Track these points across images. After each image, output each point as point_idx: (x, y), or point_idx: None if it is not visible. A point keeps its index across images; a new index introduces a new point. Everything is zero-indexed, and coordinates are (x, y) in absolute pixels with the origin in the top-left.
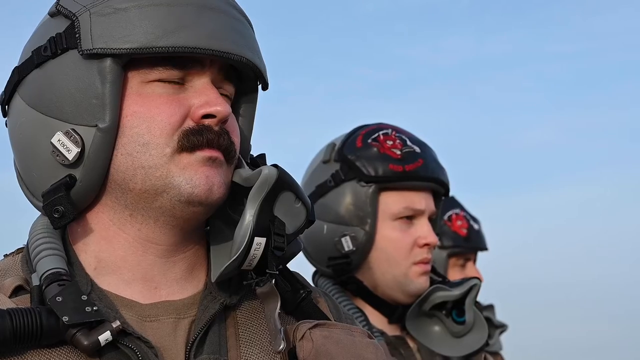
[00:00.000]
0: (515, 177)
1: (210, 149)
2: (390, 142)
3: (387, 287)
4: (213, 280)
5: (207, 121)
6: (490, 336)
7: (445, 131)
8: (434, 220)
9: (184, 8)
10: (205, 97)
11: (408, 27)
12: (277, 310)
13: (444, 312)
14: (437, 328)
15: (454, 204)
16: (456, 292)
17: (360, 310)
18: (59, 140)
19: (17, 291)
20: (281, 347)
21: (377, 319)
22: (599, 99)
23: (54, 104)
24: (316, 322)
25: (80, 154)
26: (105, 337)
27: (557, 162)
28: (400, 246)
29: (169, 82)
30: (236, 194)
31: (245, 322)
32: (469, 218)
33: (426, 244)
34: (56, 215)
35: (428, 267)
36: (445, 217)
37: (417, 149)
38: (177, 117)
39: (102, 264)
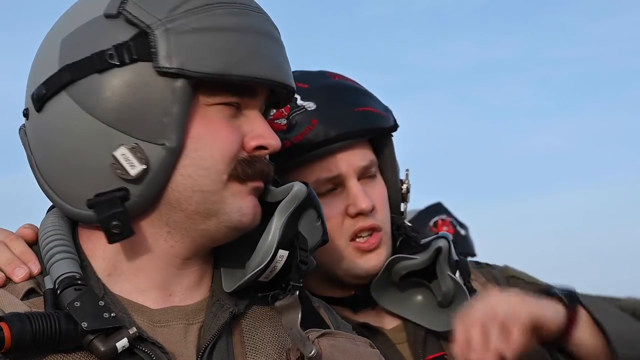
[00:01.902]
0: (519, 183)
1: (259, 180)
2: (274, 110)
3: (335, 276)
4: (228, 290)
5: (257, 152)
6: None
7: (448, 136)
8: (377, 173)
9: (252, 36)
10: (258, 129)
11: (412, 32)
12: (299, 320)
13: (426, 278)
14: (419, 297)
15: (441, 209)
16: (420, 258)
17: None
18: (123, 155)
19: (28, 294)
20: (313, 352)
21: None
22: (604, 105)
23: (118, 115)
24: (323, 330)
25: (143, 171)
26: (122, 343)
27: (561, 168)
28: None
29: (227, 105)
30: None
31: (250, 330)
32: (456, 224)
33: (359, 213)
34: (115, 232)
35: (373, 241)
36: (431, 223)
37: (311, 105)
38: (237, 146)
39: (118, 271)
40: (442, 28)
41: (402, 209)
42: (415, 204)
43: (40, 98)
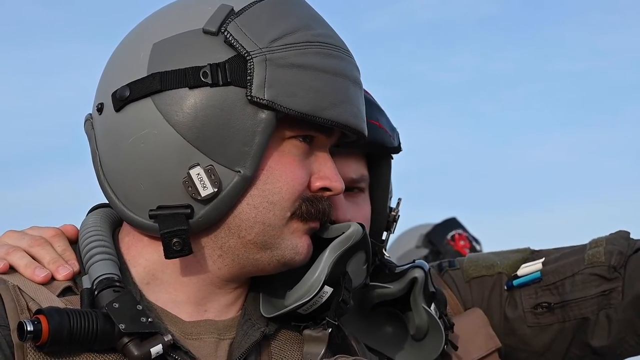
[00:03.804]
0: (520, 197)
1: (317, 220)
2: None
3: None
4: (267, 315)
5: (321, 193)
6: None
7: (450, 149)
8: (366, 191)
9: (343, 81)
10: (326, 170)
11: (415, 44)
12: (320, 355)
13: (398, 308)
14: (389, 329)
15: (457, 224)
16: (394, 288)
17: None
18: (197, 174)
19: (65, 292)
20: None
21: None
22: (606, 118)
23: (200, 134)
24: (353, 358)
25: (214, 194)
26: (157, 350)
27: (563, 182)
28: None
29: (303, 140)
30: None
31: (278, 353)
32: (471, 239)
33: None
34: (176, 248)
35: None
36: (449, 237)
37: None
38: (304, 186)
39: (157, 281)
40: (445, 40)
41: (383, 237)
42: (420, 218)
43: (124, 99)
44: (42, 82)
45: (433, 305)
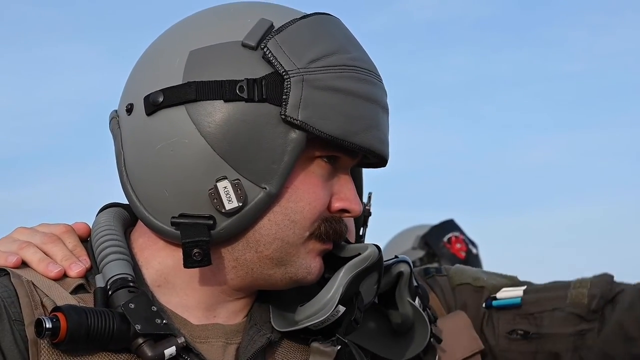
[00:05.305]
0: (518, 198)
1: (330, 242)
2: None
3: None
4: (279, 329)
5: (339, 214)
6: None
7: (448, 150)
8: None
9: (374, 107)
10: (347, 192)
11: (412, 45)
12: None
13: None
14: (372, 323)
15: (454, 226)
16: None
17: None
18: (224, 187)
19: (77, 289)
20: None
21: None
22: (604, 119)
23: (231, 148)
24: None
25: (238, 208)
26: (170, 352)
27: (560, 182)
28: None
29: (327, 161)
30: None
31: (282, 359)
32: (468, 242)
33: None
34: (196, 258)
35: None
36: (445, 239)
37: None
38: (325, 207)
39: (169, 285)
40: (442, 41)
41: (360, 233)
42: (417, 219)
43: (157, 104)
44: (42, 82)
45: (417, 299)
